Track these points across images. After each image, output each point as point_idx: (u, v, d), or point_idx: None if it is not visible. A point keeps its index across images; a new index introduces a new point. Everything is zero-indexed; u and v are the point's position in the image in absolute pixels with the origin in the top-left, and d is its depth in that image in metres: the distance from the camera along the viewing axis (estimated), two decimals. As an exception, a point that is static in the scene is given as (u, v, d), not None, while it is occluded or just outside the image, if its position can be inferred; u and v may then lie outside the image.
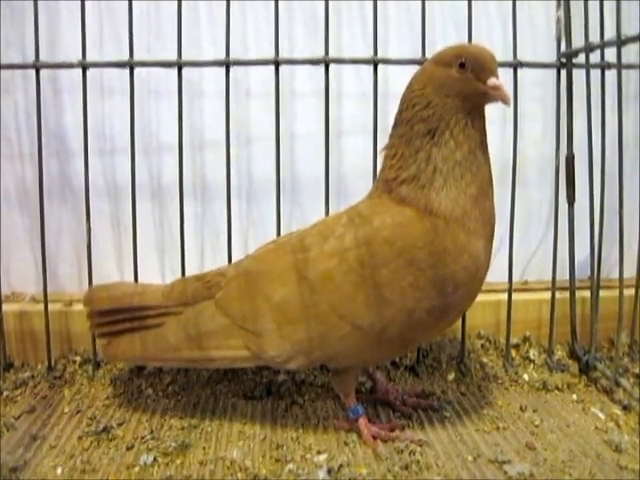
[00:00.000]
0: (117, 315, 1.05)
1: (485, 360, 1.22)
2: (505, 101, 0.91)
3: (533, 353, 1.24)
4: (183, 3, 1.14)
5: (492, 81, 0.91)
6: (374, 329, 0.90)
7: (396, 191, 0.93)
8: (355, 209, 0.98)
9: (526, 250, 1.38)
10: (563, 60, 1.20)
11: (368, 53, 1.16)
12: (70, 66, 1.14)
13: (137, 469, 0.89)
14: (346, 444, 0.95)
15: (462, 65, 0.91)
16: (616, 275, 1.10)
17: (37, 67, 1.13)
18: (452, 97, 0.91)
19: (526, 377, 1.17)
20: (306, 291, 0.92)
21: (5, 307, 1.21)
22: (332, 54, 1.15)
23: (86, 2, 1.14)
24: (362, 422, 0.97)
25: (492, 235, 0.95)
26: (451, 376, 1.18)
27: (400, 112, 0.95)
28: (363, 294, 0.90)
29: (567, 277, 1.23)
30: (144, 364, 1.15)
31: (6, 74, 1.23)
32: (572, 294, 1.23)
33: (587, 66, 1.15)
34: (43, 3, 1.18)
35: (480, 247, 0.91)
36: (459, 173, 0.90)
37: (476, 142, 0.92)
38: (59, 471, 0.89)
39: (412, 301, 0.89)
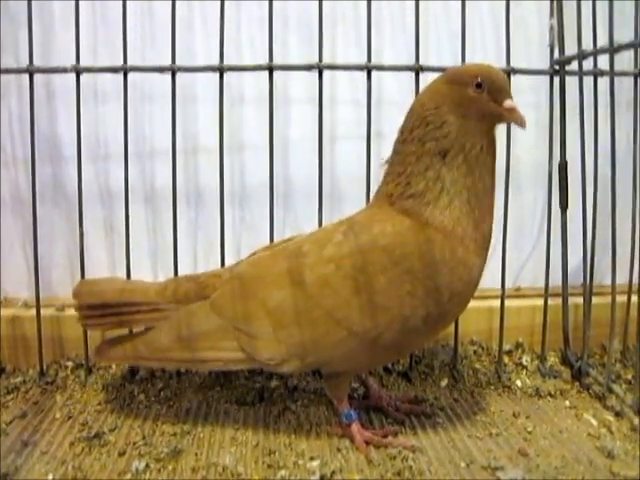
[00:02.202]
0: (106, 310, 1.05)
1: (478, 366, 1.22)
2: (521, 124, 0.92)
3: (526, 359, 1.24)
4: (177, 9, 1.14)
5: (508, 103, 0.92)
6: (370, 335, 0.90)
7: (399, 204, 0.93)
8: (354, 218, 0.99)
9: (519, 256, 1.39)
10: (556, 67, 1.21)
11: (362, 59, 1.16)
12: (64, 71, 1.14)
13: (129, 475, 0.88)
14: (339, 450, 0.95)
15: (479, 85, 0.91)
16: (608, 282, 1.11)
17: (31, 72, 1.13)
18: (468, 118, 0.91)
19: (519, 383, 1.17)
20: (303, 296, 0.92)
21: (-3, 312, 1.21)
22: (326, 60, 1.16)
23: (80, 7, 1.14)
24: (355, 427, 0.96)
25: (486, 255, 0.96)
26: (444, 382, 1.18)
27: (410, 129, 0.94)
28: (360, 300, 0.90)
29: (560, 284, 1.23)
30: (136, 365, 1.15)
31: (0, 79, 1.23)
32: (565, 301, 1.24)
33: (580, 73, 1.16)
34: (37, 7, 1.18)
35: (476, 263, 0.92)
36: (466, 197, 0.91)
37: (487, 168, 0.92)
38: (50, 477, 0.88)
39: (408, 309, 0.89)
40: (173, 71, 1.14)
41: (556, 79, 1.21)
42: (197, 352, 0.96)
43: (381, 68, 1.17)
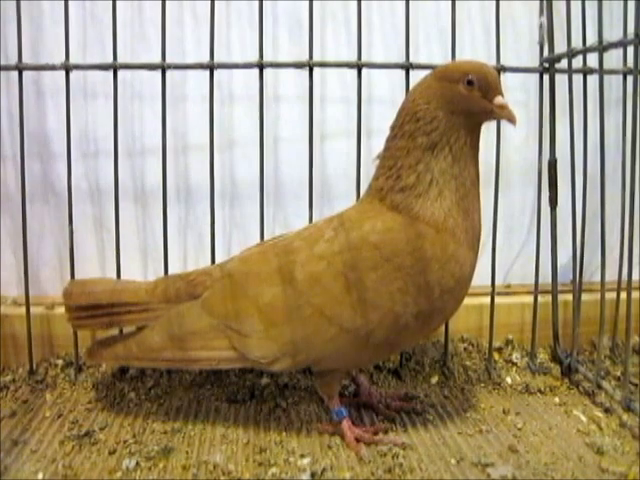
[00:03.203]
0: (96, 310, 1.05)
1: (468, 363, 1.23)
2: (512, 120, 0.93)
3: (516, 356, 1.25)
4: (167, 6, 1.14)
5: (499, 100, 0.93)
6: (361, 332, 0.90)
7: (389, 198, 0.94)
8: (345, 214, 0.99)
9: (509, 254, 1.39)
10: (546, 65, 1.21)
11: (352, 57, 1.16)
12: (53, 68, 1.13)
13: (119, 474, 0.88)
14: (329, 447, 0.95)
15: (470, 82, 0.92)
16: (598, 279, 1.11)
17: (20, 69, 1.13)
18: (457, 113, 0.92)
19: (509, 380, 1.18)
20: (295, 293, 0.92)
21: (-14, 310, 1.20)
22: (316, 58, 1.16)
23: (70, 4, 1.13)
24: (345, 424, 0.97)
25: (478, 247, 0.96)
26: (434, 379, 1.18)
27: (401, 124, 0.94)
28: (351, 297, 0.90)
29: (549, 281, 1.23)
30: (127, 365, 1.14)
31: (-12, 76, 1.22)
32: (554, 298, 1.24)
33: (569, 71, 1.16)
34: (26, 4, 1.17)
35: (468, 257, 0.93)
36: (454, 186, 0.92)
37: (471, 158, 0.93)
38: (40, 476, 0.88)
39: (400, 305, 0.89)
40: (163, 68, 1.13)
41: (546, 77, 1.21)
42: (189, 352, 0.96)
43: (371, 66, 1.17)
